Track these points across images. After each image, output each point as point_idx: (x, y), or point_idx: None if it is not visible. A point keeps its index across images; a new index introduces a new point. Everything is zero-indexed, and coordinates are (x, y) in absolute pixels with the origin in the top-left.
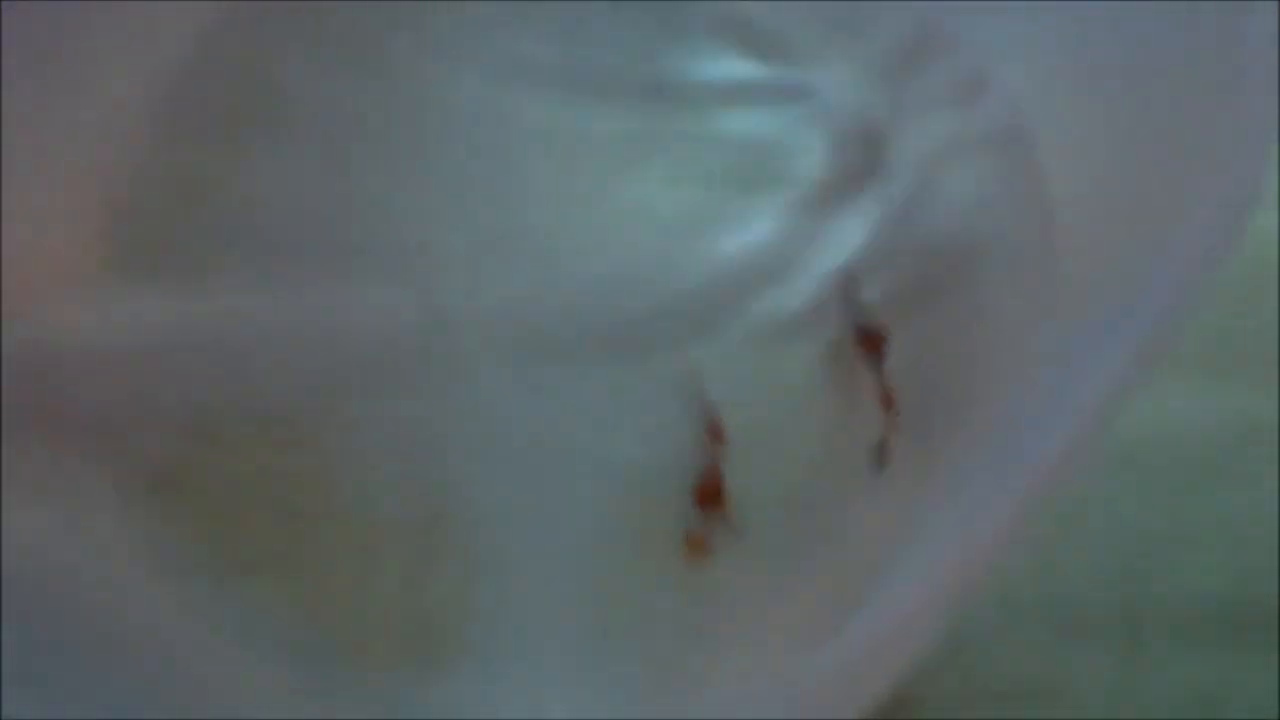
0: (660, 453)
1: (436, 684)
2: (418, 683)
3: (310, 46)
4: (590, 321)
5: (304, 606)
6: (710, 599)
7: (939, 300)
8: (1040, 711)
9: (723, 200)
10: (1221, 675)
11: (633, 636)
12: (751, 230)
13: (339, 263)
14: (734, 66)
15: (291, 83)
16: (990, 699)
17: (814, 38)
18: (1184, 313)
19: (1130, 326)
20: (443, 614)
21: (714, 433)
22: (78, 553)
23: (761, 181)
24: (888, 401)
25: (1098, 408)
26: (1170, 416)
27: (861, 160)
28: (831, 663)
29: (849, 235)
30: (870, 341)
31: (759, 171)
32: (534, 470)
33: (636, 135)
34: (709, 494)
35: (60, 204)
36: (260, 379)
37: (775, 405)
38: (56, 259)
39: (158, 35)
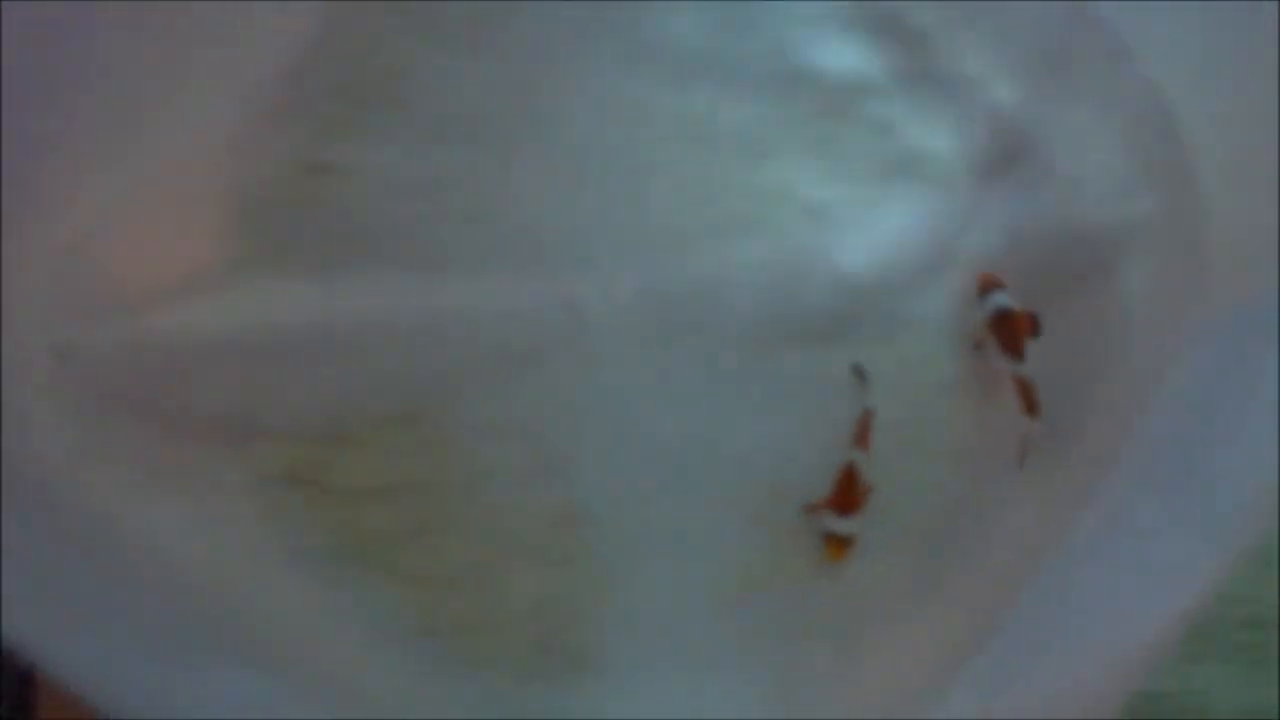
0: (797, 448)
1: (567, 692)
2: (548, 691)
3: (437, 32)
4: (725, 314)
5: (436, 611)
6: (851, 600)
7: (1081, 289)
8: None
9: (862, 190)
10: None
11: (771, 639)
12: (890, 222)
13: (469, 253)
14: (873, 56)
15: (418, 69)
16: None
17: (954, 27)
18: None
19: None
20: (574, 621)
21: (860, 434)
22: (212, 545)
23: (901, 171)
24: (1028, 399)
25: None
26: None
27: (1003, 148)
28: None
29: (990, 225)
30: (1010, 338)
31: (898, 161)
32: (667, 465)
33: (774, 123)
34: (847, 495)
35: (189, 196)
36: (392, 375)
37: (916, 403)
38: (188, 252)
39: (282, 24)
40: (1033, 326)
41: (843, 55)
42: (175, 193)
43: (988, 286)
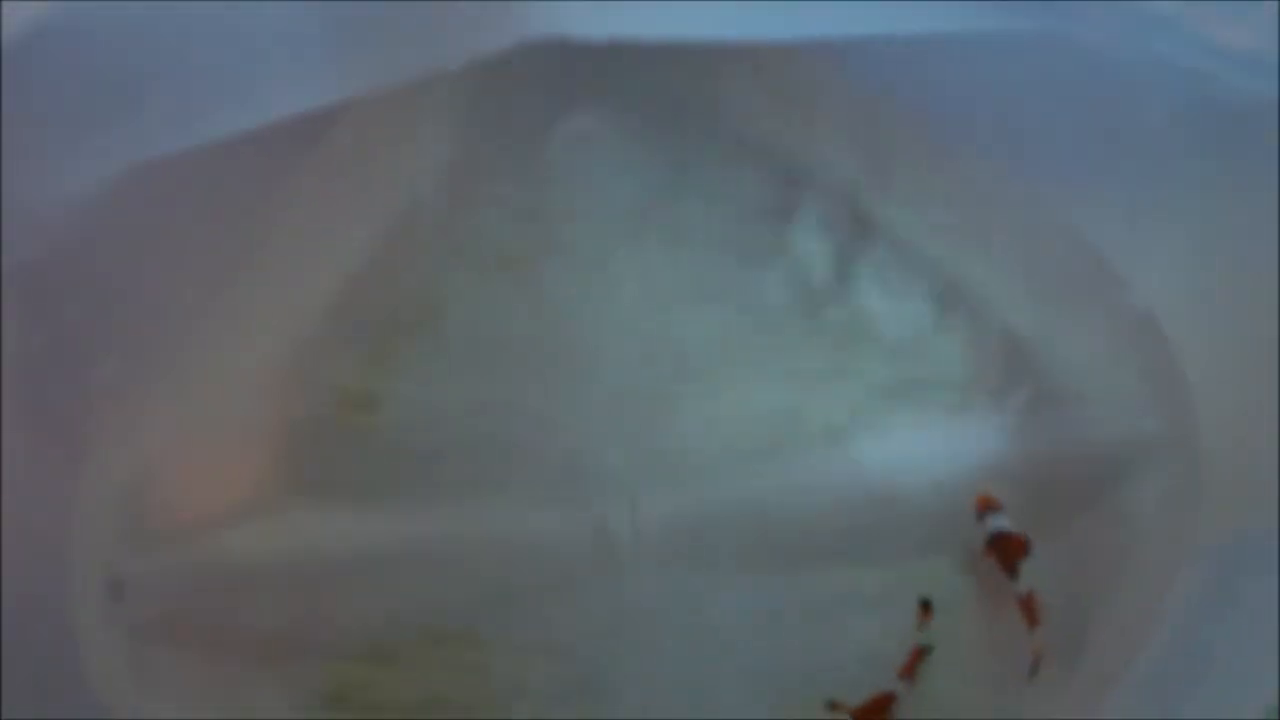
0: (826, 666)
1: None
2: None
3: (470, 264)
4: (748, 536)
5: None
6: None
7: (1087, 507)
8: None
9: (878, 412)
10: None
11: None
12: (903, 447)
13: (503, 481)
14: (889, 283)
15: (452, 298)
16: None
17: (967, 256)
18: None
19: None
20: None
21: (909, 666)
22: None
23: (916, 393)
24: (1030, 614)
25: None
26: None
27: (1012, 369)
28: None
29: (1001, 443)
30: (1005, 555)
31: (913, 383)
32: (698, 685)
33: (793, 349)
34: (874, 714)
35: (237, 429)
36: (430, 599)
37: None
38: (236, 482)
39: (330, 259)
40: (1025, 547)
41: (860, 283)
42: (224, 426)
43: (986, 508)
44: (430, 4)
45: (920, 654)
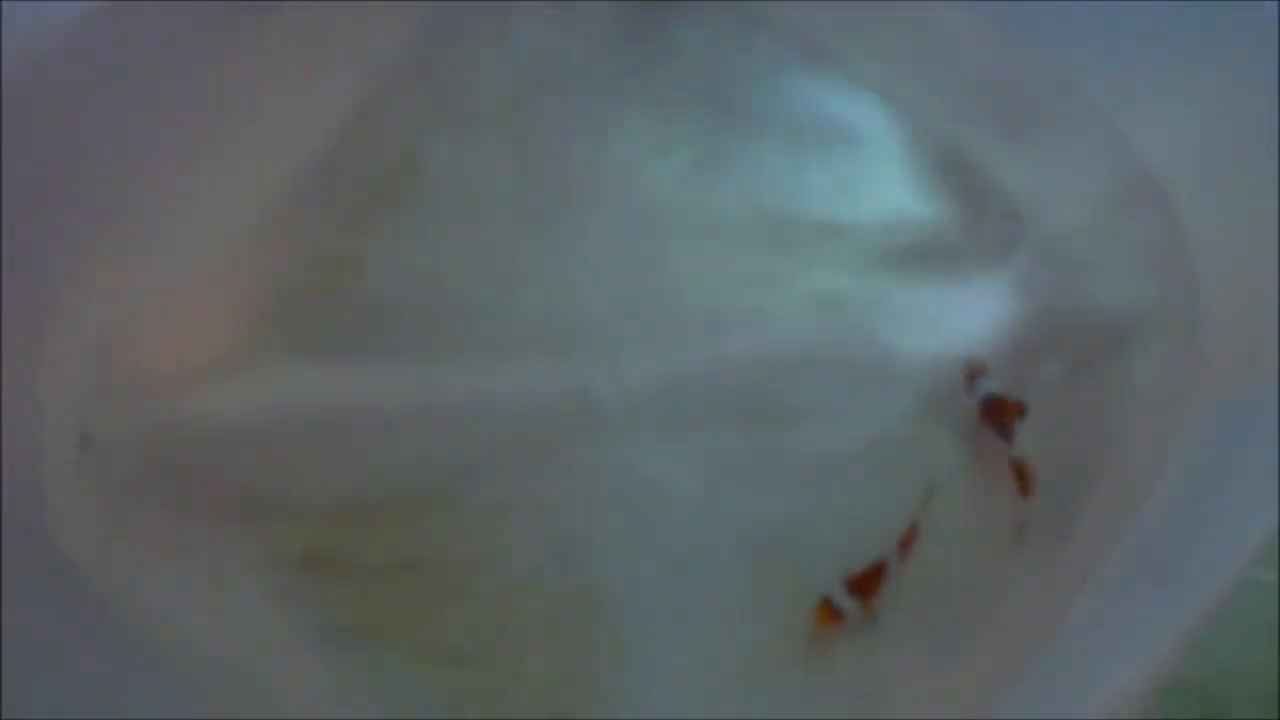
0: (810, 530)
1: None
2: None
3: (453, 124)
4: (737, 398)
5: (451, 688)
6: (863, 682)
7: (1085, 375)
8: None
9: (872, 278)
10: None
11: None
12: (900, 309)
13: (487, 340)
14: (885, 145)
15: (434, 157)
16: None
17: (964, 118)
18: None
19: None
20: (588, 700)
21: (905, 541)
22: (229, 625)
23: (911, 258)
24: (1023, 480)
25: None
26: None
27: (1010, 234)
28: None
29: (998, 310)
30: (999, 418)
31: (908, 249)
32: (680, 547)
33: (786, 214)
34: (866, 582)
35: (215, 285)
36: (410, 459)
37: (916, 486)
38: (212, 340)
39: (310, 116)
40: (1019, 410)
41: (856, 146)
42: (202, 282)
43: (974, 374)
44: None
45: (915, 528)
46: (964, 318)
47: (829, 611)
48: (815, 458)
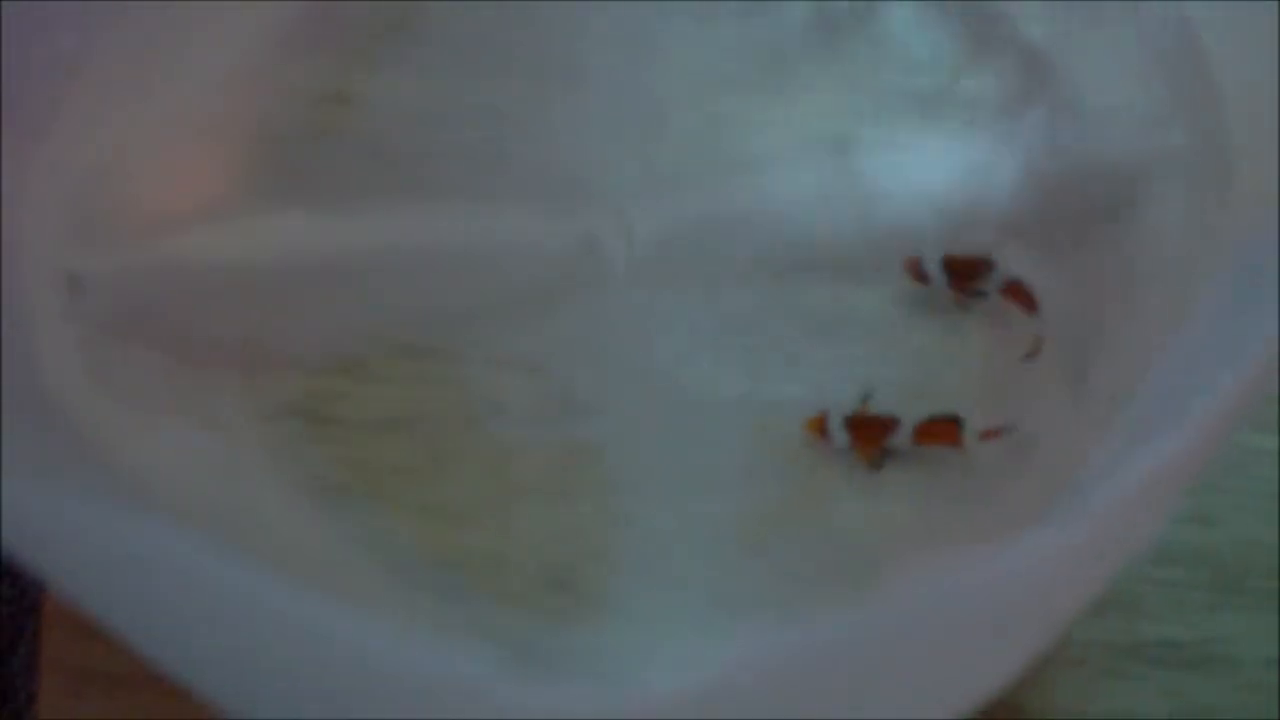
0: (820, 388)
1: (581, 629)
2: (563, 627)
3: None
4: (744, 251)
5: (448, 546)
6: (871, 539)
7: (1105, 224)
8: (1195, 672)
9: (888, 124)
10: None
11: (788, 580)
12: (917, 156)
13: (487, 188)
14: None
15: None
16: (1144, 658)
17: None
18: None
19: None
20: (586, 558)
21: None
22: (219, 476)
23: (929, 105)
24: (1021, 299)
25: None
26: None
27: (1030, 81)
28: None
29: (1018, 159)
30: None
31: (926, 95)
32: (683, 404)
33: (800, 58)
34: (868, 431)
35: (207, 125)
36: (407, 308)
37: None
38: (204, 180)
39: None
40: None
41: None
42: (193, 122)
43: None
44: None
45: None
46: (979, 169)
47: (818, 426)
48: (823, 315)
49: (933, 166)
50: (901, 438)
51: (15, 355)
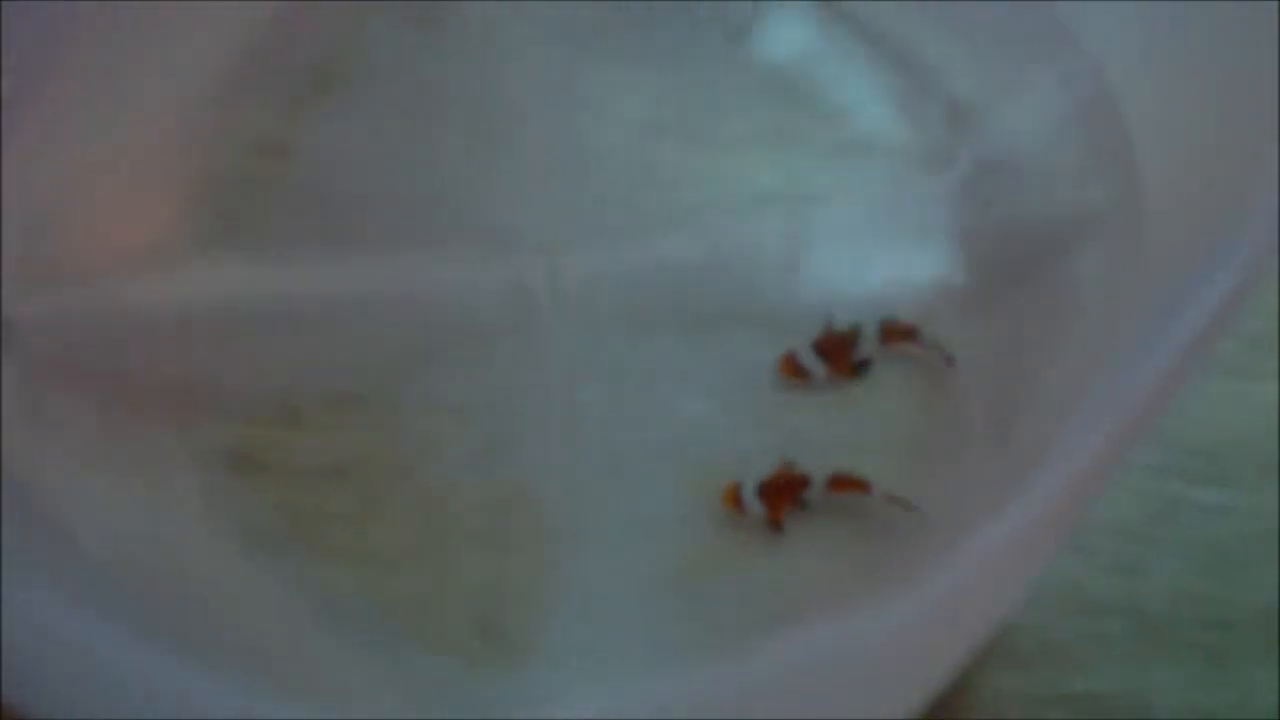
0: (744, 434)
1: (512, 676)
2: (493, 675)
3: (390, 12)
4: (674, 300)
5: (380, 592)
6: (798, 583)
7: (1029, 278)
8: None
9: (813, 178)
10: None
11: (718, 624)
12: (841, 210)
13: (419, 232)
14: (827, 41)
15: (369, 47)
16: (1070, 710)
17: (909, 14)
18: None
19: (1196, 307)
20: (518, 605)
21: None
22: (153, 523)
23: (853, 159)
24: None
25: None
26: (1258, 418)
27: (955, 137)
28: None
29: (940, 213)
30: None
31: (851, 148)
32: (613, 449)
33: (726, 111)
34: (778, 494)
35: (144, 171)
36: (341, 355)
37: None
38: (140, 227)
39: (238, 3)
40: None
41: (795, 41)
42: (130, 168)
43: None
44: None
45: (857, 485)
46: (904, 223)
47: (732, 498)
48: (750, 365)
49: (861, 219)
50: (814, 491)
51: None
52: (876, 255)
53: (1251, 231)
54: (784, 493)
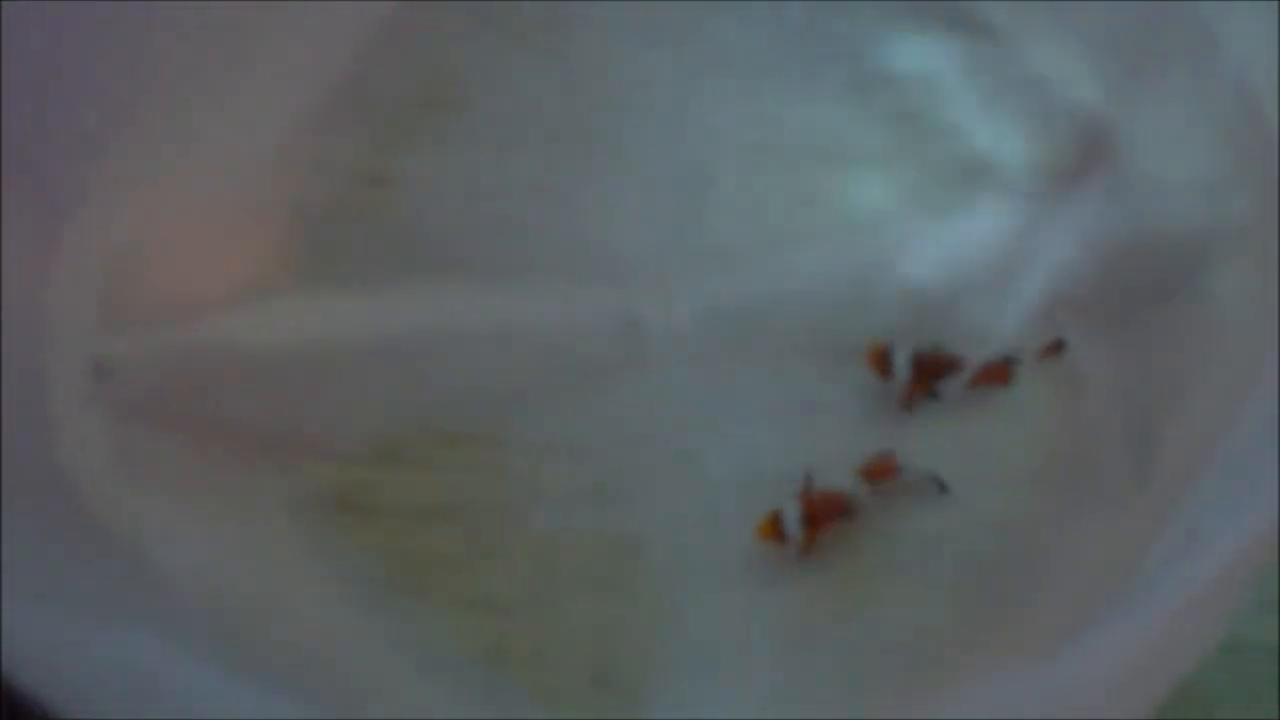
0: (854, 463)
1: None
2: None
3: (494, 37)
4: (790, 331)
5: (488, 640)
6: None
7: (1167, 299)
8: None
9: (934, 198)
10: None
11: (838, 672)
12: (963, 231)
13: (528, 266)
14: (946, 56)
15: (475, 75)
16: None
17: (1032, 23)
18: None
19: None
20: (633, 653)
21: (875, 469)
22: (255, 570)
23: (975, 177)
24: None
25: None
26: None
27: (1083, 151)
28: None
29: (1071, 233)
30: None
31: (972, 167)
32: (729, 491)
33: (841, 131)
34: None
35: (242, 205)
36: (447, 392)
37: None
38: (238, 263)
39: (343, 29)
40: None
41: (914, 57)
42: (227, 202)
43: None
44: None
45: (891, 465)
46: (1031, 246)
47: (773, 528)
48: (870, 395)
49: (982, 240)
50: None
51: (38, 446)
52: (1003, 285)
53: None
54: (824, 511)
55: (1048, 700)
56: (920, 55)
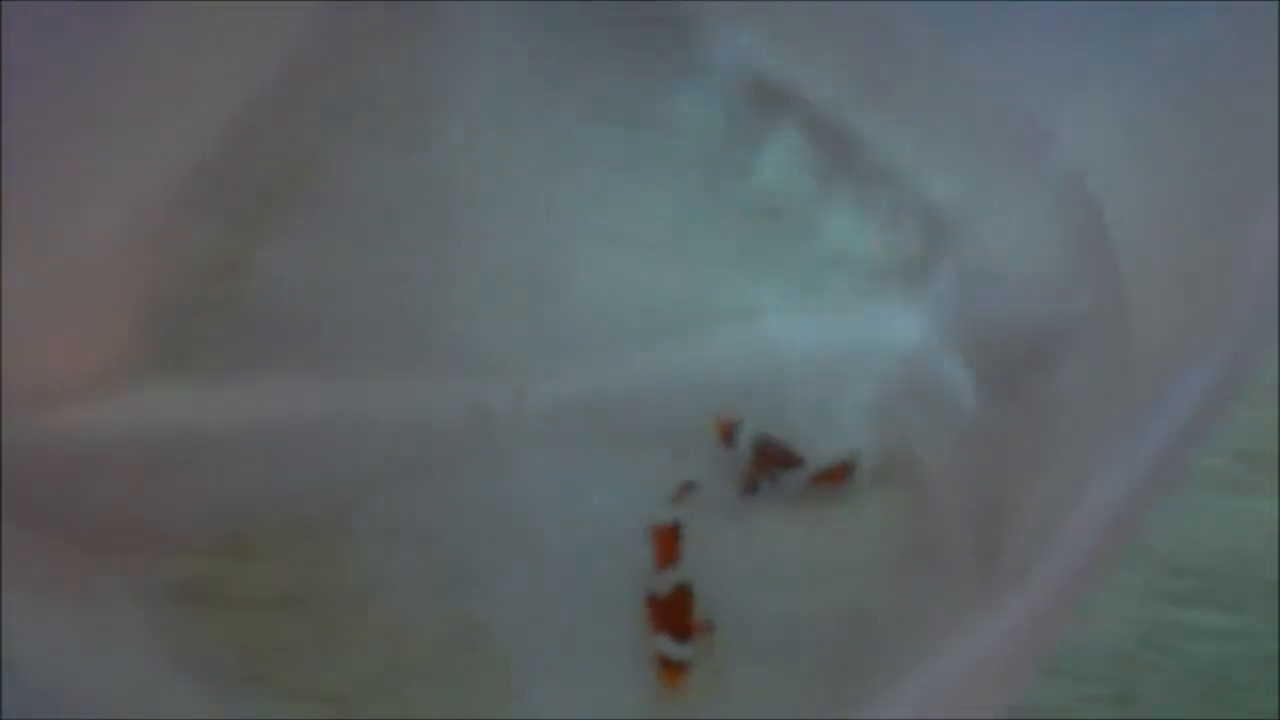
0: (710, 552)
1: None
2: None
3: (355, 128)
4: (641, 423)
5: None
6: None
7: (1013, 390)
8: None
9: (787, 292)
10: None
11: None
12: (816, 325)
13: (378, 356)
14: (801, 153)
15: (328, 162)
16: None
17: (884, 123)
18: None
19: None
20: None
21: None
22: (101, 661)
23: (829, 271)
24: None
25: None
26: (1256, 537)
27: (933, 245)
28: None
29: (922, 325)
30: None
31: (826, 261)
32: (575, 578)
33: (698, 225)
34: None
35: (90, 294)
36: (294, 483)
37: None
38: (85, 352)
39: (196, 118)
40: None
41: (770, 153)
42: (74, 290)
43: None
44: None
45: (670, 534)
46: (883, 337)
47: (671, 668)
48: (720, 483)
49: (838, 336)
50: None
51: None
52: (855, 374)
53: (1231, 330)
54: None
55: None
56: (776, 151)
